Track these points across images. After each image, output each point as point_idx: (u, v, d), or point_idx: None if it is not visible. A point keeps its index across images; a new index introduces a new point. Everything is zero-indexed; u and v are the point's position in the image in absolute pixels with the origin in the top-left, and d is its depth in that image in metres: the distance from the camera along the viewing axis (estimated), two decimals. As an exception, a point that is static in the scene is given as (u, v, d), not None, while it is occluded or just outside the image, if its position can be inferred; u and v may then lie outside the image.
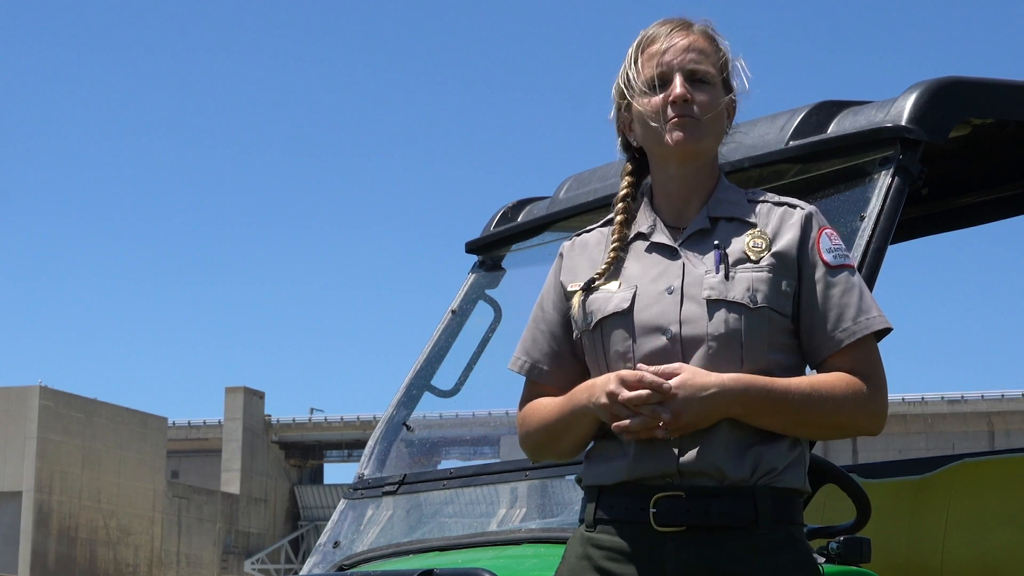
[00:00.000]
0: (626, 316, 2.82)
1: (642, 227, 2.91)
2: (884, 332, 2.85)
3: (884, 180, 3.79)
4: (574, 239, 3.02)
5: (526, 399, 2.97)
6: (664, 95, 2.85)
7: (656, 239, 2.89)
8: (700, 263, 2.83)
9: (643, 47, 2.91)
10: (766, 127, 4.12)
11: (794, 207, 2.89)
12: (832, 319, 2.81)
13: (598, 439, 2.86)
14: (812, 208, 2.90)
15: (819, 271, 2.83)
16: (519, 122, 75.19)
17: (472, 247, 5.00)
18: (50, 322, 71.53)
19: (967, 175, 4.95)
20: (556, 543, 3.65)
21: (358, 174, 71.59)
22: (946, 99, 3.91)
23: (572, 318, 2.92)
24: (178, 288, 71.75)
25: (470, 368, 4.87)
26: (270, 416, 50.55)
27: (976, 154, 4.71)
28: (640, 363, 2.78)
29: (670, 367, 2.73)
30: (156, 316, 72.33)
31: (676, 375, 2.72)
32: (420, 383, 4.81)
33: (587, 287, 2.88)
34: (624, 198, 2.95)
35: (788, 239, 2.84)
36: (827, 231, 2.87)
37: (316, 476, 54.14)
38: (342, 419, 51.51)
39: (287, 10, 72.98)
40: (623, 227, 2.92)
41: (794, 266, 2.83)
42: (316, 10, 72.57)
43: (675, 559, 2.73)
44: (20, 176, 66.72)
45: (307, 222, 72.39)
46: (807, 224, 2.86)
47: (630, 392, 2.71)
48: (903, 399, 44.99)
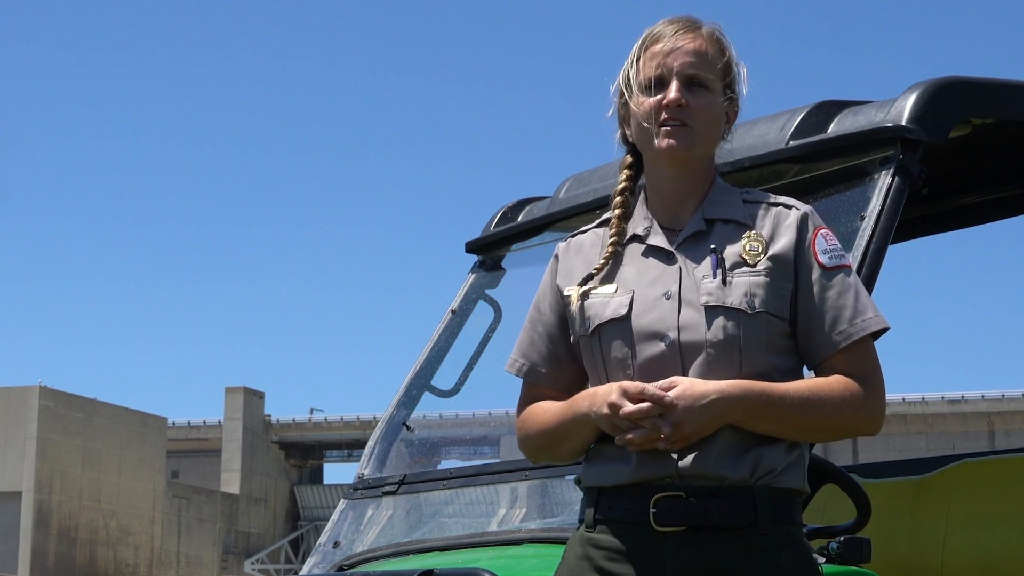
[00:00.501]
0: (624, 322, 2.81)
1: (638, 229, 2.89)
2: (881, 332, 2.84)
3: (884, 180, 3.79)
4: (569, 240, 2.99)
5: (524, 401, 2.97)
6: (659, 98, 2.83)
7: (652, 242, 2.87)
8: (697, 267, 2.81)
9: (647, 45, 2.88)
10: (766, 127, 4.12)
11: (789, 208, 2.87)
12: (829, 321, 2.80)
13: (598, 441, 2.85)
14: (807, 208, 2.88)
15: (815, 273, 2.81)
16: (519, 122, 75.20)
17: (472, 247, 5.00)
18: (50, 322, 71.59)
19: (967, 175, 4.95)
20: (556, 543, 3.65)
21: (358, 174, 71.62)
22: (946, 99, 3.91)
23: (569, 321, 2.90)
24: (178, 288, 71.79)
25: (470, 368, 4.87)
26: (270, 416, 50.53)
27: (976, 154, 4.71)
28: (639, 369, 2.77)
29: (668, 381, 2.72)
30: (156, 316, 72.39)
31: (674, 387, 2.71)
32: (420, 383, 4.81)
33: (583, 284, 2.86)
34: (622, 192, 2.92)
35: (784, 242, 2.82)
36: (823, 232, 2.85)
37: (316, 476, 54.12)
38: (342, 419, 51.47)
39: (287, 10, 73.02)
40: (620, 221, 2.90)
41: (791, 269, 2.82)
42: (316, 10, 72.61)
43: (675, 559, 2.73)
44: (20, 176, 66.76)
45: (307, 222, 72.42)
46: (803, 225, 2.84)
47: (632, 406, 2.70)
48: (903, 399, 44.94)
